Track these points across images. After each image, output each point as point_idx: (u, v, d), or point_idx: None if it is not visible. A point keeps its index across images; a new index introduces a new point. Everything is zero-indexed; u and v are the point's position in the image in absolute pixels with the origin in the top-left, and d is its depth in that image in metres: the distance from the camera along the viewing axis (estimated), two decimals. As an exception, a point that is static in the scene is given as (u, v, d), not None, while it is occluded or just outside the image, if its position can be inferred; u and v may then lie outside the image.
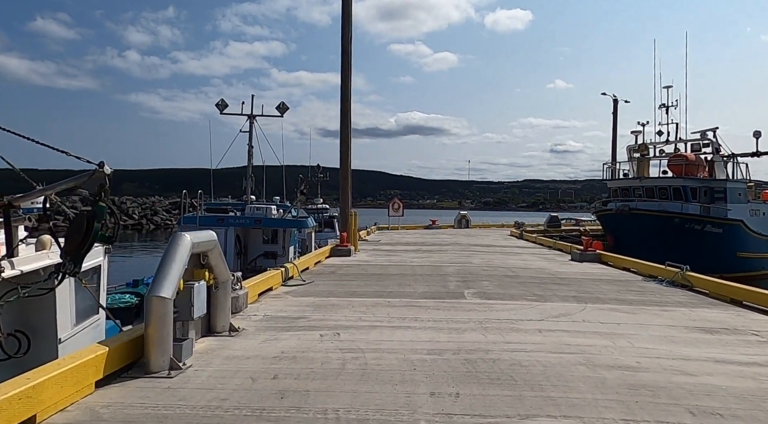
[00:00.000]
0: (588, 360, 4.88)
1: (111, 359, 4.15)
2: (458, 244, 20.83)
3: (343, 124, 16.35)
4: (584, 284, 10.01)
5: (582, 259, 14.53)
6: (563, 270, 12.36)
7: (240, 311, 6.86)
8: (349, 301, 7.90)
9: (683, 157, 27.18)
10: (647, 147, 28.78)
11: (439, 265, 13.08)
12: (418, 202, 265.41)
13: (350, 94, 16.50)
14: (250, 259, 16.82)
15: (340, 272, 11.64)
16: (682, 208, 25.93)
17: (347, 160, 16.50)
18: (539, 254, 16.79)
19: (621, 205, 26.58)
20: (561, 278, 10.96)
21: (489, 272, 11.77)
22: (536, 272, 11.82)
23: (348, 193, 16.57)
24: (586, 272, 11.99)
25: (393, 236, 25.42)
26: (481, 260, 14.56)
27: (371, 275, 11.02)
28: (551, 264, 13.75)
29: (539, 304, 7.83)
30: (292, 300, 7.99)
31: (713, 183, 27.10)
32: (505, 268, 12.59)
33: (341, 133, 16.50)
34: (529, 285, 9.75)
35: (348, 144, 16.46)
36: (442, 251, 17.46)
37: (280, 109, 18.27)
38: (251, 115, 18.13)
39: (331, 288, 9.23)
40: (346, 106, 16.36)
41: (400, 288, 9.28)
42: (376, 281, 10.11)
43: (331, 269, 12.14)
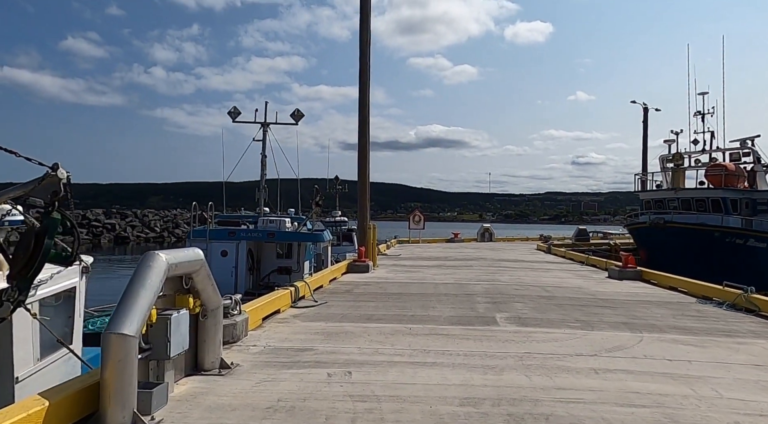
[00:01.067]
0: (670, 418, 3.77)
1: (54, 416, 3.21)
2: (483, 259, 19.68)
3: (361, 133, 15.47)
4: (631, 307, 8.83)
5: (621, 276, 13.28)
6: (603, 289, 11.16)
7: (238, 341, 5.90)
8: (365, 327, 6.89)
9: (722, 166, 25.64)
10: (682, 156, 27.29)
11: (464, 283, 11.99)
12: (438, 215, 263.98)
13: (368, 102, 15.64)
14: (263, 275, 15.94)
15: (357, 290, 10.65)
16: (722, 221, 24.36)
17: (365, 172, 15.59)
18: (572, 271, 15.56)
19: (656, 217, 25.11)
20: (603, 299, 9.78)
21: (521, 291, 10.65)
22: (573, 292, 10.66)
23: (366, 205, 15.64)
24: (630, 292, 10.78)
25: (414, 250, 24.36)
26: (510, 277, 13.42)
27: (390, 295, 10.00)
28: (588, 282, 12.54)
29: (586, 333, 6.71)
30: (300, 326, 7.02)
31: (756, 194, 25.48)
32: (538, 287, 11.45)
33: (359, 143, 15.62)
34: (568, 308, 8.61)
35: (366, 154, 15.56)
36: (466, 266, 16.34)
37: (294, 117, 17.50)
38: (264, 123, 17.37)
39: (346, 310, 8.23)
40: (364, 114, 15.49)
41: (422, 311, 8.24)
42: (395, 302, 9.09)
43: (347, 287, 11.16)
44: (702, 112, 27.85)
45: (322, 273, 11.49)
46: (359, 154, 15.45)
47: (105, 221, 70.02)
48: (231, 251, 14.83)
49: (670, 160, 28.74)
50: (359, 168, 15.44)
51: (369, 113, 15.45)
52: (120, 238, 68.19)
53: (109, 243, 66.56)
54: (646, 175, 30.53)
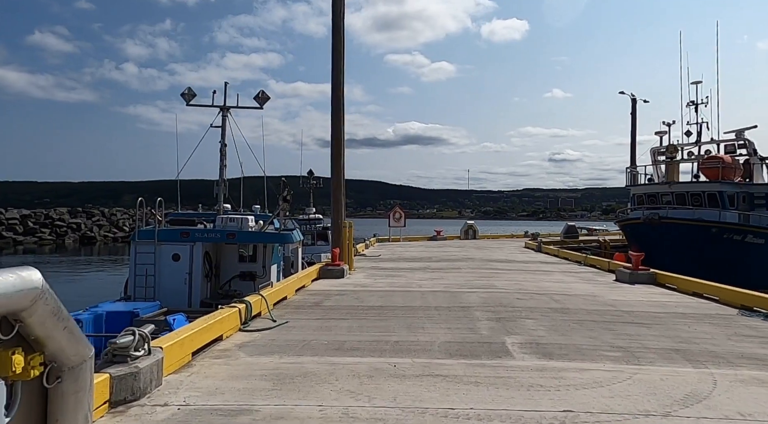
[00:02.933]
0: None
1: None
2: (471, 259, 17.94)
3: (335, 118, 13.52)
4: (668, 324, 7.11)
5: (633, 280, 11.64)
6: (620, 298, 9.46)
7: (141, 397, 3.97)
8: (333, 365, 5.00)
9: (719, 159, 24.36)
10: (676, 149, 25.96)
11: (456, 291, 10.18)
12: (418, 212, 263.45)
13: (342, 86, 13.69)
14: (223, 281, 13.91)
15: (328, 303, 8.75)
16: (720, 216, 23.07)
17: (340, 162, 13.66)
18: (572, 273, 13.90)
19: (650, 213, 23.68)
20: (626, 311, 8.06)
21: (525, 302, 8.87)
22: (588, 302, 8.93)
23: (341, 201, 13.71)
24: (653, 301, 9.10)
25: (395, 250, 22.53)
26: (507, 282, 11.67)
27: (369, 309, 8.12)
28: (598, 288, 10.86)
29: (635, 369, 4.93)
30: (243, 364, 5.09)
31: (753, 188, 24.29)
32: (544, 295, 9.70)
33: (333, 130, 13.67)
34: (593, 327, 6.85)
35: (341, 143, 13.63)
36: (455, 268, 14.56)
37: (259, 100, 15.43)
38: (224, 106, 15.29)
39: (310, 334, 6.33)
40: (338, 95, 13.54)
41: (410, 333, 6.38)
42: (375, 320, 7.22)
43: (316, 298, 9.25)
44: (695, 102, 26.58)
45: (285, 282, 9.55)
46: (333, 143, 13.52)
47: (69, 221, 66.54)
48: (184, 255, 12.78)
49: (662, 152, 27.45)
50: (333, 158, 13.51)
51: (343, 95, 13.52)
52: (86, 238, 64.90)
53: (74, 243, 63.29)
54: (636, 168, 29.19)
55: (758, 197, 24.10)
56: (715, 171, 24.01)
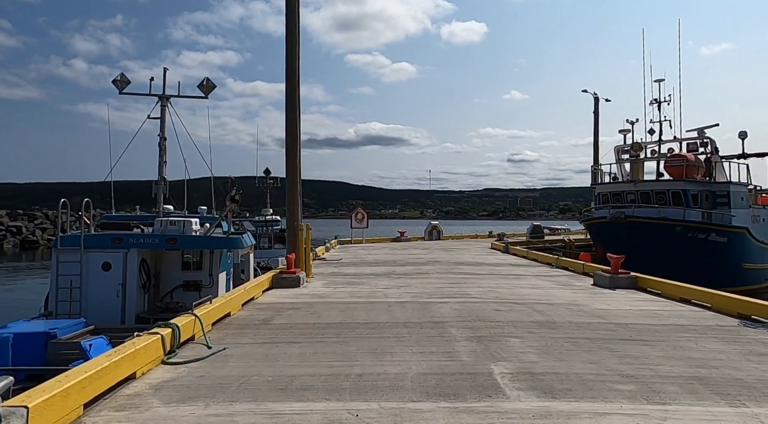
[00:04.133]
0: None
1: None
2: (438, 262, 16.93)
3: (289, 113, 12.19)
4: (671, 340, 6.19)
5: (613, 285, 10.83)
6: (605, 307, 8.56)
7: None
8: (274, 418, 3.78)
9: (682, 157, 24.23)
10: (641, 147, 25.76)
11: (426, 301, 9.07)
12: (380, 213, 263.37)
13: (298, 74, 12.40)
14: (163, 292, 12.37)
15: (279, 320, 7.48)
16: (684, 214, 22.91)
17: (296, 159, 12.35)
18: (546, 277, 13.04)
19: (616, 212, 23.33)
20: (619, 324, 7.13)
21: (505, 313, 7.84)
22: (572, 312, 7.97)
23: (297, 201, 12.41)
24: (643, 310, 8.23)
25: (357, 252, 21.33)
26: (480, 288, 10.65)
27: (326, 328, 6.91)
28: (578, 294, 9.98)
29: (660, 411, 3.90)
30: (153, 419, 3.80)
31: (715, 186, 24.27)
32: (523, 304, 8.70)
33: (287, 124, 12.34)
34: (589, 346, 5.86)
35: (296, 139, 12.32)
36: (422, 274, 13.48)
37: (203, 88, 13.90)
38: (163, 95, 13.72)
39: (252, 367, 5.08)
40: (293, 84, 12.24)
41: (375, 363, 5.21)
42: (333, 344, 6.02)
43: (265, 313, 7.97)
44: (658, 100, 26.47)
45: (229, 295, 8.20)
46: (287, 139, 12.19)
47: (9, 224, 62.27)
48: (116, 263, 11.22)
49: (626, 150, 27.26)
50: (287, 155, 12.18)
51: (298, 86, 12.21)
52: (27, 242, 60.83)
53: (14, 248, 59.20)
54: (597, 167, 28.93)
55: (720, 196, 24.10)
56: (679, 169, 23.88)
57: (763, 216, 26.48)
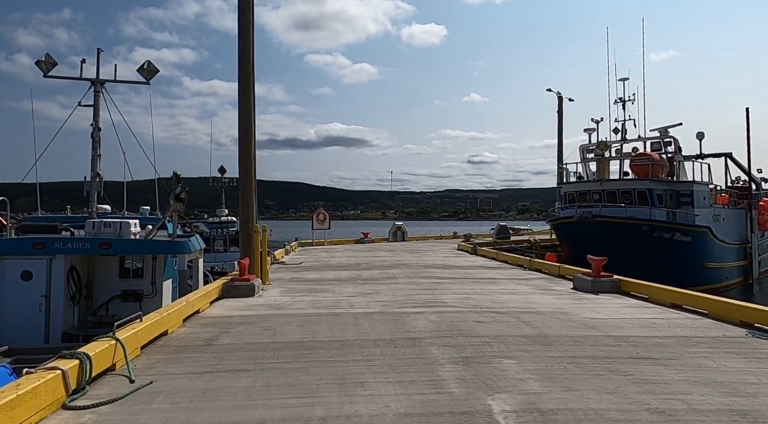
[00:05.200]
0: None
1: None
2: (405, 265, 15.96)
3: (243, 102, 10.96)
4: (685, 357, 5.38)
5: (595, 289, 10.10)
6: (596, 315, 7.75)
7: None
8: None
9: (648, 156, 24.13)
10: (607, 145, 25.56)
11: (398, 311, 8.04)
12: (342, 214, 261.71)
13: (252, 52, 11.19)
14: (97, 304, 10.89)
15: (225, 339, 6.29)
16: (650, 214, 22.77)
17: (250, 154, 11.13)
18: (522, 280, 12.25)
19: (583, 212, 22.97)
20: (619, 337, 6.28)
21: (488, 326, 6.90)
22: (562, 323, 7.10)
23: (252, 201, 11.18)
24: (638, 319, 7.45)
25: (319, 255, 20.14)
26: (455, 295, 9.71)
27: (282, 350, 5.78)
28: (561, 300, 9.16)
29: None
30: None
31: (679, 186, 24.26)
32: (506, 313, 7.79)
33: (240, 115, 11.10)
34: (597, 367, 4.95)
35: (250, 132, 11.10)
36: (390, 278, 12.46)
37: (144, 72, 12.39)
38: (96, 80, 12.19)
39: (182, 409, 3.91)
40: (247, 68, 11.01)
41: (343, 398, 4.14)
42: (290, 372, 4.91)
43: (210, 331, 6.76)
44: (623, 99, 26.38)
45: (167, 309, 6.92)
46: (240, 131, 10.94)
47: None
48: (38, 272, 9.72)
49: (591, 149, 27.06)
50: (241, 149, 10.94)
51: (253, 70, 10.98)
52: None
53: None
54: (565, 166, 28.67)
55: (683, 195, 24.11)
56: (644, 168, 23.75)
57: (723, 215, 26.74)
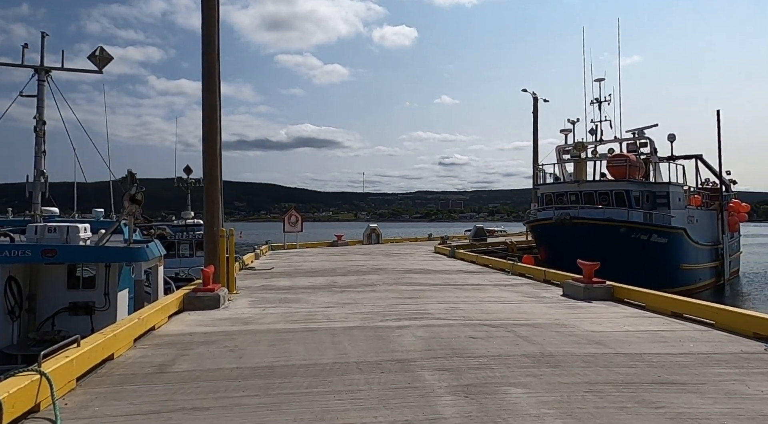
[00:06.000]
0: None
1: None
2: (383, 270, 15.17)
3: (207, 87, 9.99)
4: (712, 379, 4.73)
5: (587, 296, 9.49)
6: (599, 328, 7.09)
7: None
8: None
9: (625, 157, 23.98)
10: (584, 146, 25.33)
11: (380, 326, 7.23)
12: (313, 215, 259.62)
13: (218, 42, 10.24)
14: (41, 318, 9.74)
15: (181, 365, 5.37)
16: (628, 215, 22.57)
17: (215, 148, 10.16)
18: (508, 286, 11.60)
19: (561, 213, 22.62)
20: (633, 355, 5.62)
21: (484, 342, 6.15)
22: (565, 338, 6.42)
23: (218, 200, 10.22)
24: (645, 332, 6.82)
25: (291, 259, 19.17)
26: (440, 304, 8.96)
27: (249, 379, 4.90)
28: (555, 310, 8.51)
29: None
30: None
31: (655, 187, 24.21)
32: (501, 327, 7.06)
33: (204, 105, 10.14)
34: (618, 397, 4.25)
35: (216, 123, 10.15)
36: (368, 286, 11.64)
37: (95, 59, 11.21)
38: (41, 67, 10.98)
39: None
40: (212, 59, 10.05)
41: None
42: (257, 411, 4.04)
43: (164, 353, 5.81)
44: (599, 100, 26.22)
45: (113, 328, 5.93)
46: (204, 122, 9.97)
47: None
48: None
49: (567, 150, 26.82)
50: (205, 144, 9.96)
51: (218, 57, 10.03)
52: None
53: None
54: (542, 167, 28.36)
55: (660, 196, 24.05)
56: (622, 169, 23.58)
57: (696, 217, 26.86)
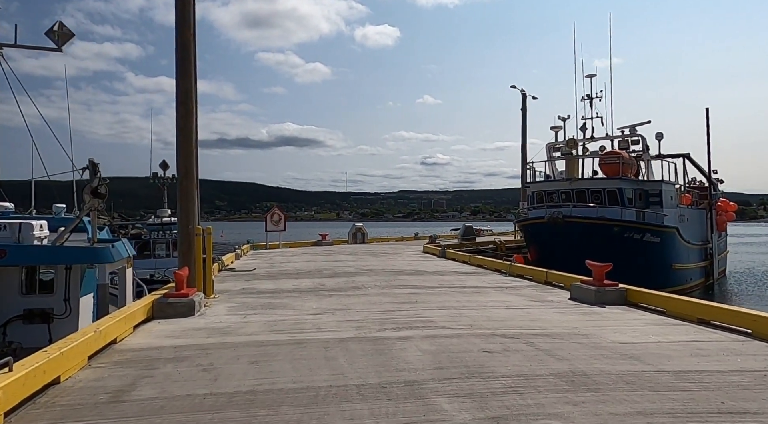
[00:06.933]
0: None
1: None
2: (372, 271, 14.29)
3: (182, 68, 8.99)
4: None
5: (600, 300, 8.73)
6: (624, 339, 6.30)
7: None
8: None
9: (617, 155, 23.46)
10: (576, 143, 24.75)
11: (379, 337, 6.33)
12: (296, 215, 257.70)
13: (193, 21, 9.24)
14: (-9, 326, 8.62)
15: (141, 391, 4.39)
16: (621, 214, 22.04)
17: (190, 137, 9.16)
18: (508, 289, 10.81)
19: (553, 212, 22.00)
20: (676, 373, 4.83)
21: (501, 357, 5.30)
22: (592, 352, 5.61)
23: (193, 195, 9.21)
24: (678, 344, 6.05)
25: (273, 260, 18.17)
26: (442, 311, 8.09)
27: (225, 407, 3.95)
28: (570, 316, 7.71)
29: None
30: None
31: (648, 185, 23.73)
32: (515, 337, 6.23)
33: (178, 89, 9.12)
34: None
35: (191, 108, 9.15)
36: (358, 288, 10.74)
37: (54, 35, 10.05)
38: (-9, 44, 9.85)
39: None
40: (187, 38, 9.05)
41: None
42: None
43: (123, 374, 4.84)
44: (590, 96, 25.69)
45: (59, 347, 4.93)
46: (179, 107, 8.96)
47: None
48: None
49: (557, 148, 26.25)
50: (179, 129, 8.95)
51: (194, 37, 9.04)
52: None
53: None
54: (532, 165, 27.73)
55: (652, 195, 23.60)
56: (614, 167, 23.05)
57: (687, 215, 26.52)
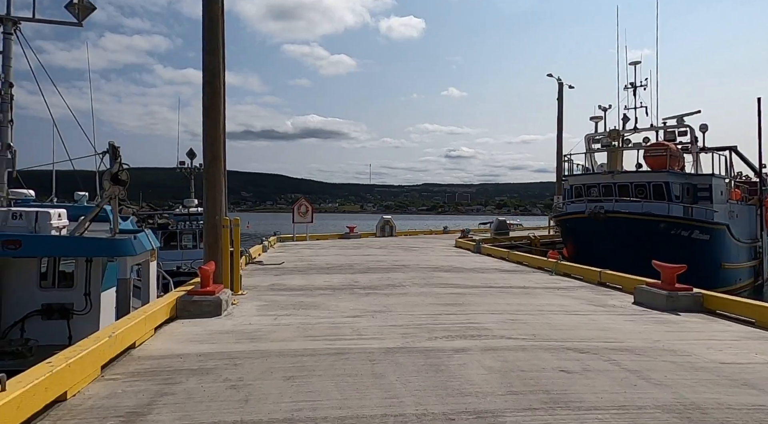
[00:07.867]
0: None
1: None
2: (407, 267, 13.45)
3: (209, 38, 8.25)
4: None
5: (671, 306, 7.73)
6: (724, 358, 5.34)
7: None
8: None
9: (664, 146, 22.03)
10: (619, 134, 23.40)
11: (431, 347, 5.49)
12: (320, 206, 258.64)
13: None
14: (8, 324, 8.05)
15: (158, 415, 3.64)
16: (668, 209, 20.67)
17: (219, 120, 8.42)
18: (560, 290, 9.84)
19: (595, 206, 20.75)
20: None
21: (584, 380, 4.41)
22: (692, 375, 4.67)
23: (220, 183, 8.49)
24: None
25: (302, 253, 17.49)
26: (494, 315, 7.20)
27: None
28: (645, 326, 6.75)
29: None
30: None
31: (696, 179, 22.25)
32: (591, 352, 5.31)
33: (205, 62, 8.38)
34: None
35: (219, 88, 8.40)
36: (395, 286, 9.91)
37: (74, 9, 9.40)
38: (7, 17, 9.19)
39: None
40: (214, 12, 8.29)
41: None
42: None
43: (140, 390, 4.10)
44: (634, 85, 24.25)
45: (66, 356, 4.23)
46: (205, 85, 8.22)
47: None
48: None
49: (597, 139, 24.91)
50: (206, 110, 8.22)
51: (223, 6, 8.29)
52: None
53: None
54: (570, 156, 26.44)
55: (701, 189, 22.12)
56: (660, 160, 21.65)
57: (737, 212, 24.94)
